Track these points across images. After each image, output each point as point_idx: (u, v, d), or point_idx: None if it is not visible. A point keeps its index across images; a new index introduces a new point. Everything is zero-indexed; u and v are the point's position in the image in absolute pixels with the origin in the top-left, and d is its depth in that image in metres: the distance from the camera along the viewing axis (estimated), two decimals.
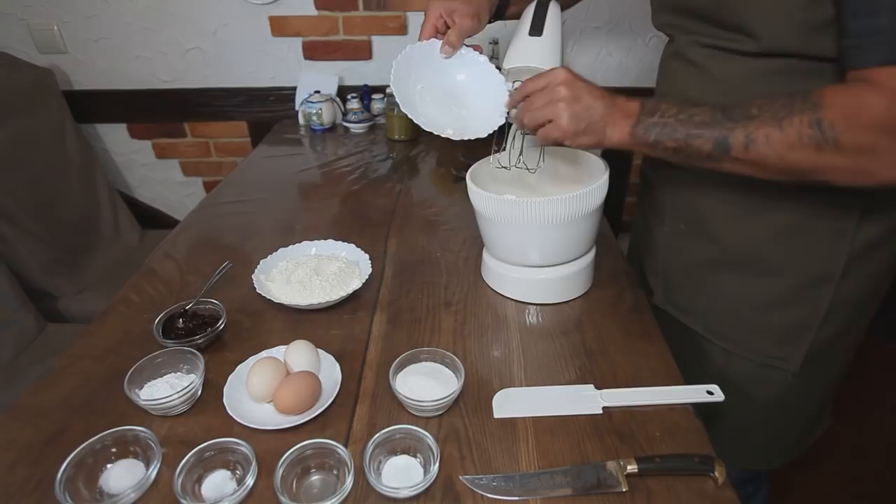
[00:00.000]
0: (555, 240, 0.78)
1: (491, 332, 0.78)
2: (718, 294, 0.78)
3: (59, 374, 0.71)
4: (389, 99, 1.52)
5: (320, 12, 1.60)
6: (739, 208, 0.71)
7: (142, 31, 1.62)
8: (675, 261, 0.83)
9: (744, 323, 0.76)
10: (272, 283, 0.84)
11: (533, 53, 0.75)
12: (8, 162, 1.36)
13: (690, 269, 0.81)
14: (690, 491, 0.55)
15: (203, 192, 1.91)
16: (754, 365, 0.77)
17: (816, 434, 0.87)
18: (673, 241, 0.82)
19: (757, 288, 0.74)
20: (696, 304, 0.81)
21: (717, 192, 0.72)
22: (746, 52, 0.63)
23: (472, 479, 0.56)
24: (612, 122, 0.64)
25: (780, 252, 0.71)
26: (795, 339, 0.74)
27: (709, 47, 0.68)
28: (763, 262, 0.72)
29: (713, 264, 0.77)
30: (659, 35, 1.73)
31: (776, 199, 0.67)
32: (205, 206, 1.19)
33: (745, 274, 0.74)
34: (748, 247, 0.72)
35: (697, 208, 0.76)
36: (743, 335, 0.77)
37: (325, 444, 0.57)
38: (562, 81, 0.65)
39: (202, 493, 0.56)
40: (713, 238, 0.75)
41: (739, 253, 0.73)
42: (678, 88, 0.75)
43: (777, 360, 0.76)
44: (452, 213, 1.11)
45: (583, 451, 0.60)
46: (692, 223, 0.78)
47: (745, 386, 0.79)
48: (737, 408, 0.76)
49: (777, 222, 0.69)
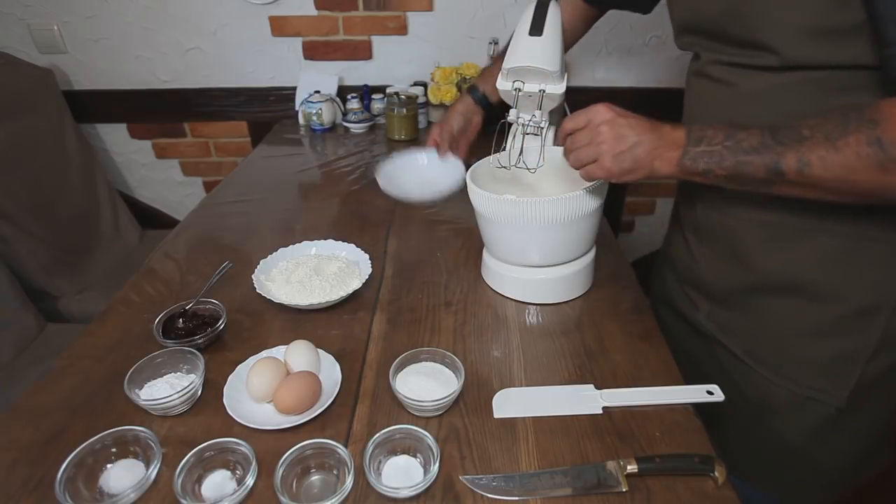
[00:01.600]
0: (555, 240, 0.78)
1: (491, 332, 0.78)
2: (760, 318, 0.72)
3: (59, 374, 0.71)
4: (389, 99, 1.52)
5: (320, 12, 1.60)
6: (777, 231, 0.67)
7: (142, 31, 1.62)
8: (715, 280, 0.78)
9: (786, 350, 0.71)
10: (272, 283, 0.84)
11: (533, 53, 0.75)
12: (8, 162, 1.36)
13: (731, 291, 0.75)
14: (690, 491, 0.55)
15: (203, 192, 1.91)
16: (795, 395, 0.71)
17: (871, 471, 0.79)
18: (713, 262, 0.77)
19: (801, 315, 0.68)
20: (737, 326, 0.76)
21: (750, 213, 0.68)
22: (770, 67, 0.60)
23: (472, 479, 0.56)
24: (659, 155, 0.61)
25: (826, 278, 0.65)
26: (841, 372, 0.68)
27: (731, 65, 0.65)
28: (807, 289, 0.67)
29: (753, 288, 0.72)
30: (659, 35, 1.73)
31: (818, 220, 0.62)
32: (205, 206, 1.19)
33: (788, 299, 0.69)
34: (790, 273, 0.67)
35: (731, 231, 0.72)
36: (784, 363, 0.71)
37: (325, 444, 0.57)
38: (602, 121, 0.63)
39: (202, 493, 0.56)
40: (749, 264, 0.71)
41: (780, 279, 0.68)
42: (706, 105, 0.72)
43: (820, 392, 0.69)
44: (452, 213, 1.11)
45: (583, 451, 0.60)
46: (727, 246, 0.73)
47: (786, 416, 0.73)
48: (775, 438, 0.73)
49: (821, 246, 0.64)
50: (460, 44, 1.63)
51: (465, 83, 1.52)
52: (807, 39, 0.55)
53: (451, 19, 1.61)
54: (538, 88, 0.78)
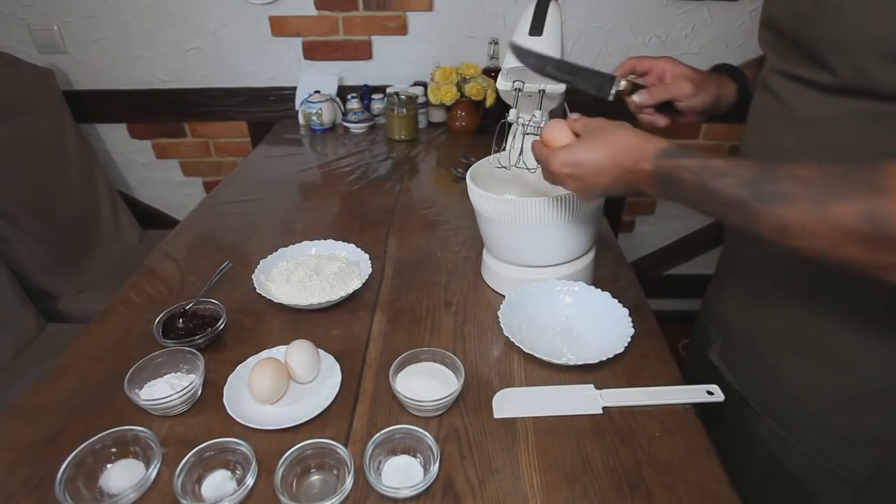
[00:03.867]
0: (554, 240, 0.78)
1: (491, 332, 0.78)
2: (776, 372, 0.65)
3: (58, 374, 0.71)
4: (389, 99, 1.52)
5: (320, 12, 1.60)
6: (808, 280, 0.59)
7: (141, 30, 1.62)
8: (735, 320, 0.71)
9: (803, 412, 0.63)
10: (272, 283, 0.84)
11: None
12: (8, 162, 1.36)
13: (749, 335, 0.68)
14: (690, 491, 0.55)
15: (203, 192, 1.91)
16: (811, 462, 0.63)
17: None
18: (737, 298, 0.70)
19: (819, 380, 0.61)
20: (752, 375, 0.68)
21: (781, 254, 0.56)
22: (824, 87, 0.52)
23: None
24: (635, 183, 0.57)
25: (854, 346, 0.57)
26: (862, 448, 0.60)
27: (788, 77, 0.58)
28: (829, 353, 0.59)
29: (772, 338, 0.65)
30: (659, 35, 1.73)
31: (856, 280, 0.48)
32: (205, 206, 1.19)
33: (810, 359, 0.61)
34: (813, 329, 0.60)
35: (761, 268, 0.65)
36: (801, 425, 0.64)
37: (325, 444, 0.57)
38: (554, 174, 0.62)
39: (202, 493, 0.56)
40: (772, 309, 0.64)
41: (802, 334, 0.61)
42: (763, 124, 0.64)
43: (836, 465, 0.61)
44: (452, 213, 1.11)
45: (583, 451, 0.60)
46: (755, 284, 0.66)
47: (799, 482, 0.66)
48: (791, 499, 0.67)
49: (853, 308, 0.56)
50: (460, 44, 1.63)
51: (465, 83, 1.52)
52: (870, 60, 0.47)
53: (451, 19, 1.61)
54: (538, 88, 0.78)
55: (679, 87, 0.69)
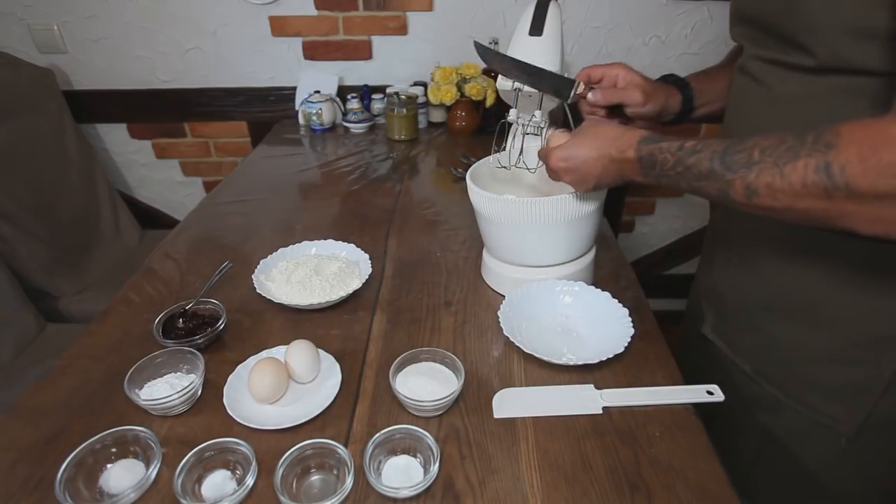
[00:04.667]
0: (554, 240, 0.78)
1: (491, 332, 0.78)
2: (769, 337, 0.69)
3: (58, 374, 0.71)
4: (389, 99, 1.52)
5: (320, 12, 1.60)
6: (792, 246, 0.63)
7: (141, 30, 1.62)
8: (727, 292, 0.75)
9: (795, 372, 0.67)
10: (272, 283, 0.84)
11: (533, 53, 0.75)
12: (8, 162, 1.36)
13: (741, 305, 0.72)
14: (690, 491, 0.55)
15: (203, 192, 1.91)
16: (805, 419, 0.67)
17: None
18: (727, 271, 0.74)
19: (809, 339, 0.65)
20: (746, 343, 0.72)
21: (767, 222, 0.60)
22: (804, 68, 0.57)
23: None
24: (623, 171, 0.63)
25: (838, 303, 0.61)
26: (852, 401, 0.64)
27: (768, 62, 0.62)
28: (817, 312, 0.63)
29: (763, 304, 0.69)
30: (659, 35, 1.73)
31: (836, 240, 0.54)
32: (205, 206, 1.19)
33: (797, 321, 0.65)
34: (800, 292, 0.64)
35: (749, 239, 0.69)
36: (793, 384, 0.68)
37: (325, 444, 0.57)
38: (552, 169, 0.69)
39: (202, 493, 0.56)
40: (762, 276, 0.68)
41: (791, 297, 0.65)
42: (741, 105, 0.69)
43: (829, 418, 0.65)
44: (452, 213, 1.11)
45: (583, 451, 0.60)
46: (743, 255, 0.70)
47: (796, 442, 0.70)
48: (786, 464, 0.70)
49: (835, 267, 0.60)
50: (460, 44, 1.63)
51: (465, 83, 1.52)
52: (845, 41, 0.52)
53: (451, 19, 1.61)
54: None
55: (630, 95, 0.75)
